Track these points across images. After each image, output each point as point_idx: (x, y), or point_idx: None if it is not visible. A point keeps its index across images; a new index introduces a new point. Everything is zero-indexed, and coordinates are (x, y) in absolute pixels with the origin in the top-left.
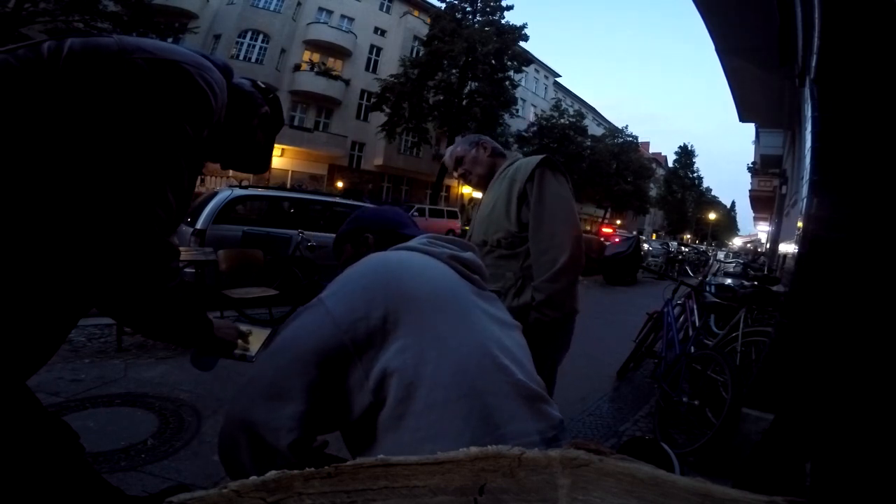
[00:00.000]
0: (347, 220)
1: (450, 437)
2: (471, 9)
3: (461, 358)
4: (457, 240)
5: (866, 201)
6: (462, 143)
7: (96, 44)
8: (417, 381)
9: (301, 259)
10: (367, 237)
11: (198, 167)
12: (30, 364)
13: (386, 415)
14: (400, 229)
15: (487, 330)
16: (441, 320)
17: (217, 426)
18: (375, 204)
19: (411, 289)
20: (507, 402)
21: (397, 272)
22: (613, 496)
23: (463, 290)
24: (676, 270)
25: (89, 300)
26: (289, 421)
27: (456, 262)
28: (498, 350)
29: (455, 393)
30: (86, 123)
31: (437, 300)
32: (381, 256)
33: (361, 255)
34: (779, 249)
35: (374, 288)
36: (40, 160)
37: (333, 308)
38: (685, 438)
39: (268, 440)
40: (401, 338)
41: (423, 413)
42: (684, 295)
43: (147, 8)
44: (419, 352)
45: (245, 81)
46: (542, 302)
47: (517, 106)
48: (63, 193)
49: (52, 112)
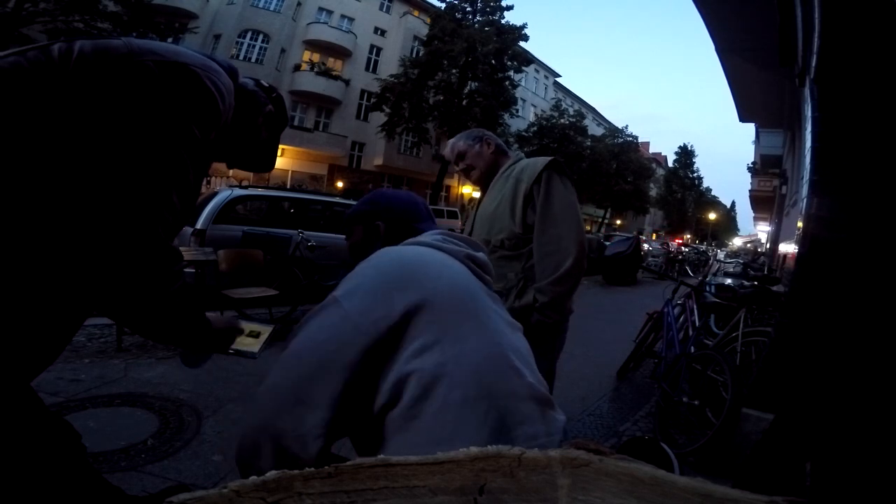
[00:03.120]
0: (363, 200)
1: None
2: (471, 9)
3: (480, 358)
4: (469, 238)
5: (866, 201)
6: (465, 138)
7: (106, 46)
8: (436, 380)
9: (301, 259)
10: (378, 225)
11: (204, 169)
12: (35, 365)
13: (396, 414)
14: (414, 222)
15: (501, 332)
16: (460, 320)
17: (217, 426)
18: None
19: (431, 287)
20: (521, 404)
21: (416, 269)
22: (613, 496)
23: (479, 291)
24: (676, 270)
25: (94, 302)
26: (315, 429)
27: (470, 262)
28: (511, 352)
29: (473, 393)
30: (95, 125)
31: (456, 300)
32: (397, 252)
33: (370, 242)
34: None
35: (392, 285)
36: (49, 162)
37: (351, 309)
38: (685, 438)
39: (293, 449)
40: (420, 337)
41: (439, 413)
42: (684, 295)
43: (147, 8)
44: (439, 351)
45: (249, 81)
46: (545, 304)
47: (517, 106)
48: (70, 196)
49: (61, 114)
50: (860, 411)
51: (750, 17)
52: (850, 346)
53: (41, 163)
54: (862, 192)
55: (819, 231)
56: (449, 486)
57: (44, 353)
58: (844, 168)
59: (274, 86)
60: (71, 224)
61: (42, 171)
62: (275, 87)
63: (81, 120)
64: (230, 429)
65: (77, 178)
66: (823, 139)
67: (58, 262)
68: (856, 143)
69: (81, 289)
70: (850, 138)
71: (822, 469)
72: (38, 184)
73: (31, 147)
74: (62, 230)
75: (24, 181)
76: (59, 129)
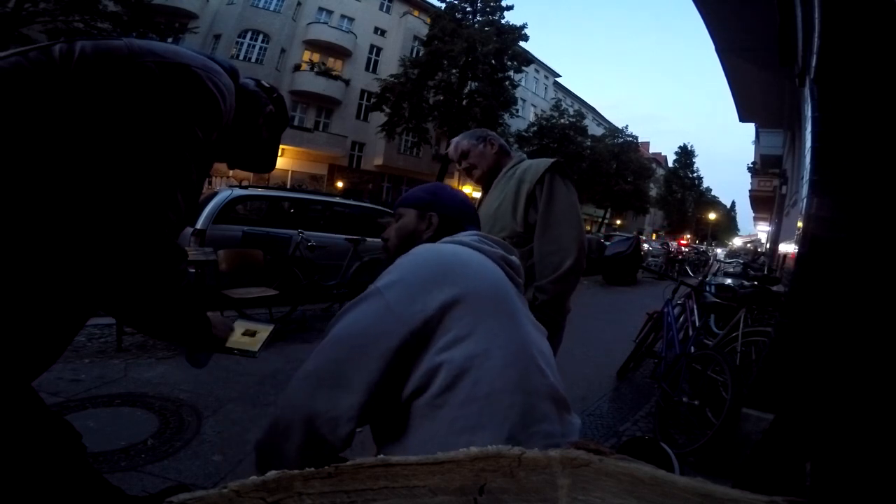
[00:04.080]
0: (422, 188)
1: (489, 429)
2: (471, 9)
3: (509, 355)
4: (502, 241)
5: (866, 201)
6: (469, 137)
7: (107, 47)
8: (464, 373)
9: (301, 259)
10: (431, 216)
11: (206, 169)
12: (37, 365)
13: (423, 402)
14: (465, 222)
15: (530, 332)
16: (494, 317)
17: (217, 426)
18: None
19: (469, 283)
20: (543, 402)
21: (454, 266)
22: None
23: (511, 292)
24: (676, 270)
25: (97, 302)
26: (349, 410)
27: (505, 264)
28: (537, 353)
29: (500, 386)
30: (97, 126)
31: (491, 298)
32: (437, 249)
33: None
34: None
35: (432, 280)
36: (51, 162)
37: (393, 300)
38: (685, 438)
39: (323, 431)
40: (453, 329)
41: (464, 404)
42: (684, 295)
43: (147, 8)
44: (470, 345)
45: (250, 81)
46: (545, 302)
47: (517, 106)
48: (73, 196)
49: (64, 114)
50: (860, 411)
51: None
52: (849, 346)
53: (44, 163)
54: (862, 192)
55: (819, 231)
56: (449, 486)
57: (46, 352)
58: (844, 168)
59: (274, 86)
60: (75, 224)
61: (45, 171)
62: (275, 87)
63: (83, 121)
64: (230, 429)
65: (80, 179)
66: (823, 139)
67: (61, 262)
68: (856, 143)
69: (85, 288)
70: (850, 138)
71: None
72: (40, 184)
73: (34, 147)
74: (65, 230)
75: (27, 181)
76: (61, 129)
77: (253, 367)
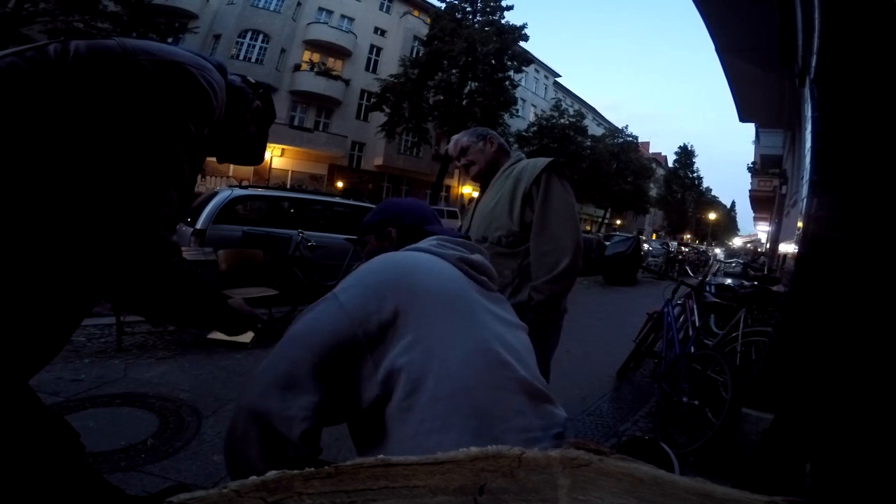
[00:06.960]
0: (373, 212)
1: (455, 428)
2: (471, 9)
3: (466, 353)
4: (466, 242)
5: (866, 201)
6: (469, 134)
7: (100, 46)
8: (424, 375)
9: (301, 259)
10: (389, 231)
11: (198, 164)
12: (33, 363)
13: (393, 408)
14: (423, 225)
15: (491, 328)
16: (448, 317)
17: (217, 426)
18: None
19: (421, 287)
20: (511, 396)
21: (408, 271)
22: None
23: (469, 291)
24: (676, 270)
25: (95, 298)
26: (302, 411)
27: (463, 264)
28: (501, 346)
29: (459, 385)
30: (93, 124)
31: (445, 298)
32: (392, 256)
33: (384, 249)
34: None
35: (386, 285)
36: (48, 160)
37: (347, 302)
38: (685, 438)
39: (280, 431)
40: (409, 333)
41: (429, 405)
42: (684, 295)
43: (147, 8)
44: (427, 347)
45: (236, 78)
46: (540, 302)
47: (517, 106)
48: (70, 193)
49: (60, 112)
50: (860, 411)
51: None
52: (849, 346)
53: (40, 161)
54: (862, 192)
55: (819, 231)
56: (449, 486)
57: (43, 350)
58: (844, 168)
59: (261, 82)
60: (71, 220)
61: (41, 167)
62: (262, 83)
63: (79, 119)
64: None
65: (76, 175)
66: (823, 139)
67: (58, 258)
68: (856, 143)
69: (81, 283)
70: (850, 138)
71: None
72: (37, 180)
73: (30, 145)
74: (62, 226)
75: (23, 179)
76: (57, 127)
77: (252, 367)
